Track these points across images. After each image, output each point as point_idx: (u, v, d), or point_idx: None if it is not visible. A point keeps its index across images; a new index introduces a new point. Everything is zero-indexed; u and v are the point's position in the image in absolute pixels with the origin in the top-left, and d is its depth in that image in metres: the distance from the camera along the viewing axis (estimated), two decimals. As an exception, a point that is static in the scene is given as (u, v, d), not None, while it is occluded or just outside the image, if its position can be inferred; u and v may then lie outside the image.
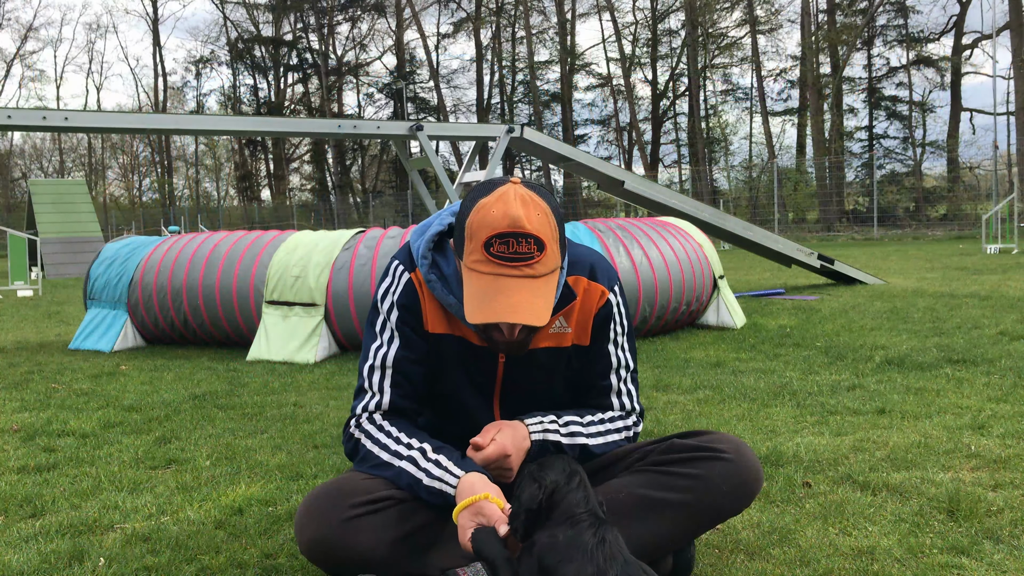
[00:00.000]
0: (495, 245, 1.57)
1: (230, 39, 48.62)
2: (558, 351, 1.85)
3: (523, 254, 1.57)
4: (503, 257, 1.57)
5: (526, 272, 1.58)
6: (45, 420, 3.76)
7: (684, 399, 3.85)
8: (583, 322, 1.86)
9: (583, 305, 1.85)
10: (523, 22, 41.46)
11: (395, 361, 1.81)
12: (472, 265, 1.61)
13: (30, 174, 51.54)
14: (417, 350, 1.82)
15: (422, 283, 1.81)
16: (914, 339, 5.29)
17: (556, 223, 1.65)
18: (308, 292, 5.48)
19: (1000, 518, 2.19)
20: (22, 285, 13.11)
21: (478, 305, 1.59)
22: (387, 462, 1.76)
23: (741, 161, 40.03)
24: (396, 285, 1.83)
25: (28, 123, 7.52)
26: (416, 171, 9.90)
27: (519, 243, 1.57)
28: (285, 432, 3.44)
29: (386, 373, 1.82)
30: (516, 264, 1.58)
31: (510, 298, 1.57)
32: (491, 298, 1.58)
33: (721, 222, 8.86)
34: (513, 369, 1.84)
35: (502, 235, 1.57)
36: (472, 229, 1.61)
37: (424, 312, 1.82)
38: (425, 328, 1.82)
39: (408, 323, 1.82)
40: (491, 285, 1.59)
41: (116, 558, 2.11)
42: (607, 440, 1.88)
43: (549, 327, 1.82)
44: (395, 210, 37.28)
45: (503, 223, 1.57)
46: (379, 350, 1.83)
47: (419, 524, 1.71)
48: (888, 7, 34.93)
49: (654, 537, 1.74)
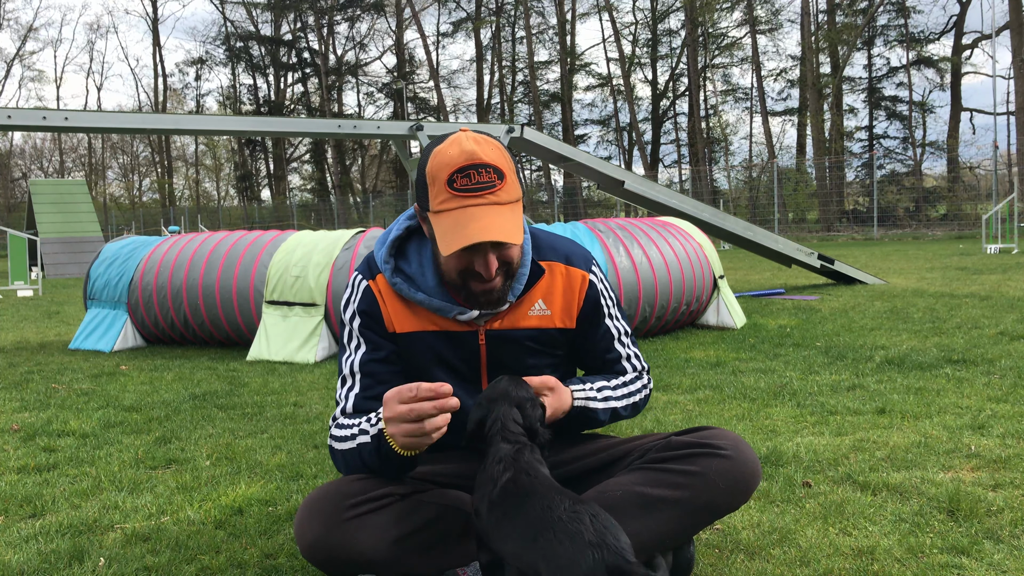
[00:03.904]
0: (457, 180, 1.64)
1: (229, 39, 48.63)
2: (542, 332, 1.88)
3: (485, 183, 1.64)
4: (467, 188, 1.64)
5: (491, 200, 1.65)
6: (45, 420, 3.76)
7: (684, 399, 3.85)
8: (567, 307, 1.90)
9: (565, 290, 1.89)
10: (523, 22, 41.47)
11: (361, 364, 1.84)
12: (439, 207, 1.66)
13: (30, 174, 51.58)
14: (383, 349, 1.85)
15: (381, 289, 1.85)
16: (914, 339, 5.29)
17: (511, 160, 1.72)
18: (308, 292, 5.48)
19: (1000, 518, 2.19)
20: (22, 285, 13.11)
21: (453, 237, 1.63)
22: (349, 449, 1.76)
23: (741, 161, 40.09)
24: (355, 294, 1.88)
25: (28, 123, 7.52)
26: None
27: (479, 173, 1.64)
28: (285, 432, 3.44)
29: (355, 379, 1.85)
30: (481, 193, 1.64)
31: (480, 222, 1.63)
32: (463, 226, 1.63)
33: (721, 222, 8.86)
34: (497, 351, 1.86)
35: (462, 168, 1.64)
36: (432, 174, 1.67)
37: (386, 315, 1.85)
38: (390, 330, 1.85)
39: (370, 327, 1.85)
40: (461, 216, 1.64)
41: (116, 558, 2.11)
42: (632, 401, 1.95)
43: (528, 308, 1.85)
44: (395, 210, 37.25)
45: (460, 159, 1.64)
46: (347, 359, 1.87)
47: (419, 524, 1.71)
48: (888, 7, 34.93)
49: (653, 534, 1.74)
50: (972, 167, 30.90)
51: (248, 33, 48.64)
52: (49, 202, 19.68)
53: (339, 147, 46.28)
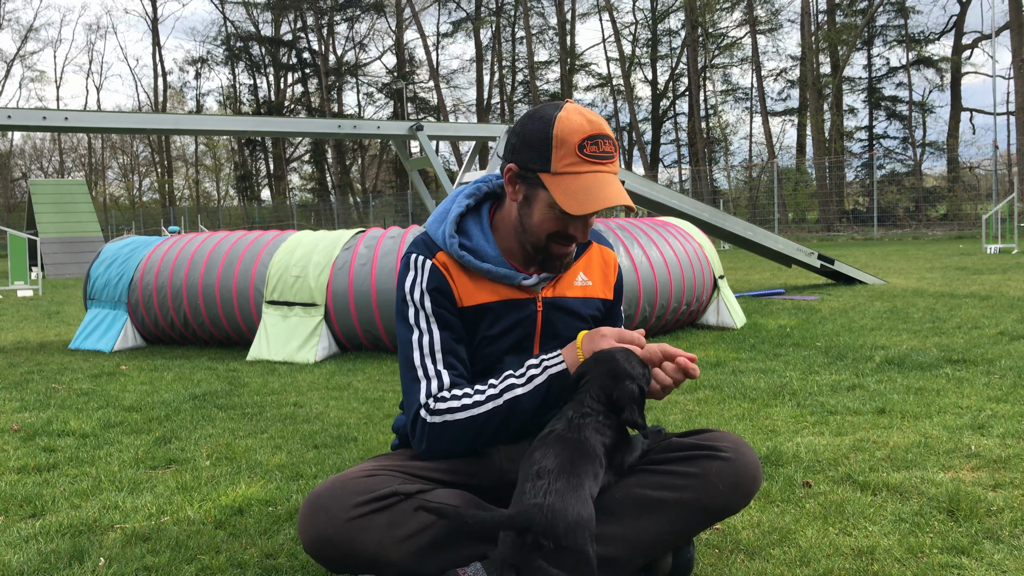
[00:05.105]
0: (587, 147, 1.76)
1: (229, 39, 48.63)
2: (587, 301, 2.00)
3: (608, 153, 1.79)
4: (596, 156, 1.78)
5: (611, 168, 1.80)
6: (45, 420, 3.76)
7: (684, 399, 3.85)
8: (605, 280, 2.04)
9: (602, 265, 2.04)
10: (523, 22, 41.47)
11: (442, 343, 1.87)
12: (566, 168, 1.77)
13: (30, 174, 51.58)
14: (457, 329, 1.89)
15: (447, 264, 1.89)
16: (914, 339, 5.29)
17: None
18: (308, 292, 5.48)
19: (1000, 518, 2.19)
20: (22, 285, 13.11)
21: (586, 198, 1.76)
22: (490, 410, 1.80)
23: (741, 161, 40.07)
24: (421, 274, 1.89)
25: (28, 123, 7.52)
26: (416, 171, 9.90)
27: (605, 143, 1.78)
28: (285, 432, 3.44)
29: (436, 358, 1.86)
30: (605, 162, 1.79)
31: (611, 187, 1.77)
32: (599, 189, 1.76)
33: (721, 222, 8.85)
34: (551, 317, 1.94)
35: (592, 137, 1.76)
36: (561, 137, 1.76)
37: (455, 291, 1.88)
38: (459, 305, 1.89)
39: (442, 305, 1.88)
40: (592, 180, 1.77)
41: (116, 558, 2.11)
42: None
43: (572, 279, 1.98)
44: (395, 210, 37.25)
45: (590, 128, 1.77)
46: (422, 339, 1.87)
47: (422, 524, 1.71)
48: (888, 7, 34.92)
49: (652, 536, 1.74)
50: (972, 167, 30.86)
51: (248, 33, 48.63)
52: (49, 202, 19.68)
53: (339, 147, 46.27)
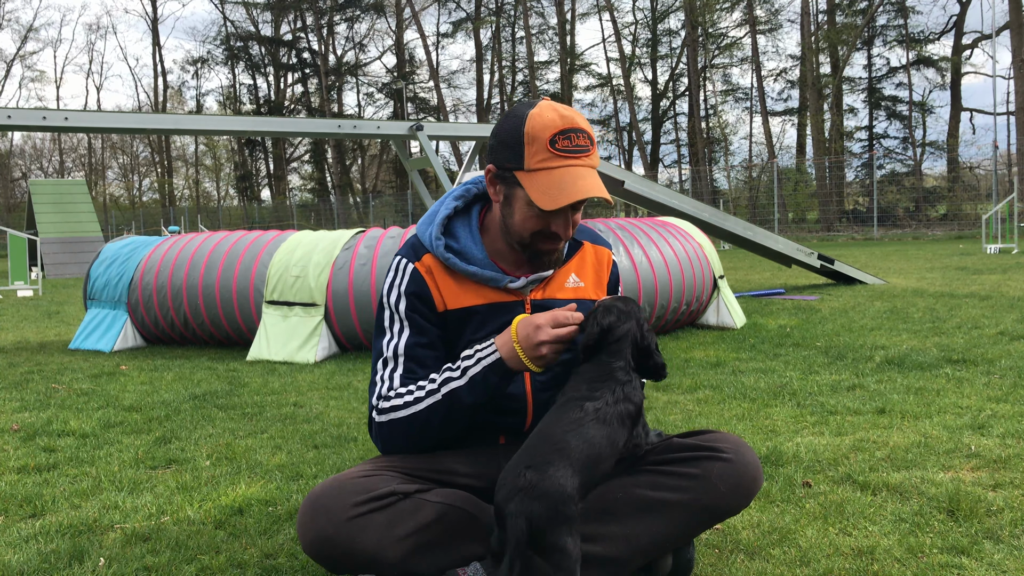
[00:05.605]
0: (559, 141, 1.75)
1: (229, 39, 48.63)
2: (579, 302, 1.96)
3: (582, 146, 1.77)
4: (568, 150, 1.76)
5: (586, 162, 1.78)
6: (45, 420, 3.76)
7: (684, 399, 3.85)
8: (597, 280, 2.02)
9: (595, 265, 2.02)
10: (523, 22, 41.46)
11: (406, 348, 1.86)
12: (538, 165, 1.76)
13: (30, 174, 51.57)
14: (428, 335, 1.87)
15: (431, 268, 1.88)
16: (914, 339, 5.29)
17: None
18: (308, 292, 5.48)
19: (1000, 518, 2.19)
20: (22, 285, 13.11)
21: (558, 193, 1.74)
22: (430, 406, 1.79)
23: (741, 161, 40.06)
24: (401, 277, 1.89)
25: (28, 123, 7.52)
26: (416, 171, 9.90)
27: (578, 137, 1.77)
28: (285, 432, 3.44)
29: (398, 362, 1.86)
30: (579, 155, 1.77)
31: (584, 180, 1.76)
32: (570, 184, 1.75)
33: (721, 222, 8.85)
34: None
35: (563, 131, 1.76)
36: (532, 134, 1.76)
37: (435, 294, 1.87)
38: (441, 309, 1.88)
39: (417, 310, 1.87)
40: (564, 175, 1.75)
41: (116, 558, 2.11)
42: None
43: (564, 281, 1.96)
44: (395, 210, 37.25)
45: (561, 122, 1.76)
46: (389, 342, 1.87)
47: (421, 523, 1.71)
48: (888, 7, 34.92)
49: (653, 536, 1.74)
50: (972, 167, 30.87)
51: (248, 33, 48.62)
52: (49, 202, 19.67)
53: (339, 147, 46.27)
